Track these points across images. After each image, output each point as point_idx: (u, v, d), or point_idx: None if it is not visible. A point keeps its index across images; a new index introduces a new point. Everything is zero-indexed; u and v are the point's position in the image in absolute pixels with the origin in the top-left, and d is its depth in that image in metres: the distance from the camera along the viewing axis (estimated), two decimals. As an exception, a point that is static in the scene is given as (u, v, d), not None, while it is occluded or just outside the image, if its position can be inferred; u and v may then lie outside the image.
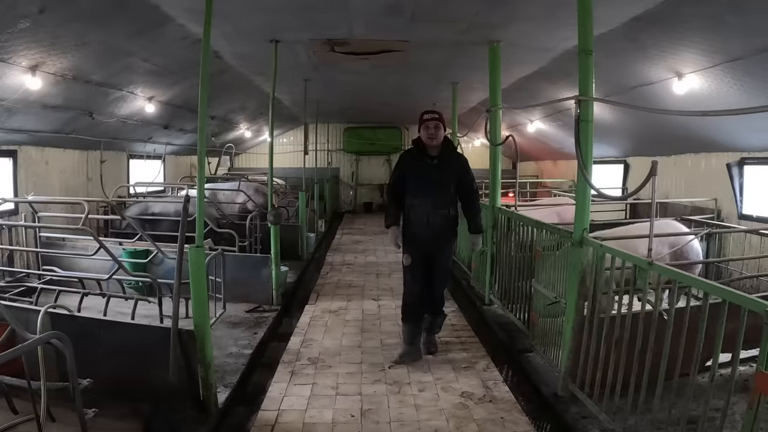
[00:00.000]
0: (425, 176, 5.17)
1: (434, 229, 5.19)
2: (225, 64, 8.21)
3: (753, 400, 2.54)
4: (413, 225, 5.25)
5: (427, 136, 5.14)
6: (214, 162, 14.28)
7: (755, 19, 4.65)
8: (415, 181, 5.20)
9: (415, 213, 5.21)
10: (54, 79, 6.11)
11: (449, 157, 5.27)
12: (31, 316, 3.98)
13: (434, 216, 5.16)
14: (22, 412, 3.47)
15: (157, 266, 6.73)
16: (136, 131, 9.99)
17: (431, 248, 5.29)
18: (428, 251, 5.30)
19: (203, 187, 4.08)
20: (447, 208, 5.22)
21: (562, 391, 4.34)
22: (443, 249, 5.37)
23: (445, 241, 5.35)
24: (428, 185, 5.15)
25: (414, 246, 5.29)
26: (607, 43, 5.98)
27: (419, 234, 5.22)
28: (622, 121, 9.24)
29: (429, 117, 5.17)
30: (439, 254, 5.34)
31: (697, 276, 5.48)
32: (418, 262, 5.31)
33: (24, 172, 7.52)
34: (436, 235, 5.22)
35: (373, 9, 5.65)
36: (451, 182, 5.22)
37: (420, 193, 5.18)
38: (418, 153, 5.26)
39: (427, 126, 5.14)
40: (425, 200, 5.15)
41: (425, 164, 5.19)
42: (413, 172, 5.21)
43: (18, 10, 4.44)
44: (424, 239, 5.22)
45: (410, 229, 5.28)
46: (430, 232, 5.19)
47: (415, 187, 5.20)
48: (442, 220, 5.19)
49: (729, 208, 7.77)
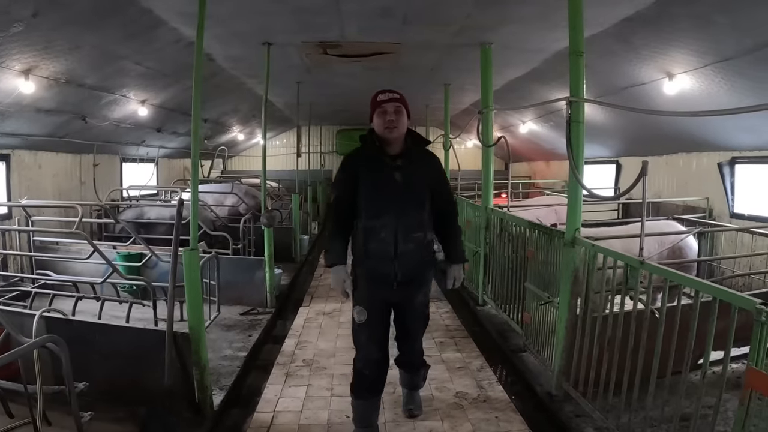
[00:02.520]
0: (388, 185, 3.54)
1: (406, 263, 3.57)
2: (217, 67, 8.21)
3: (744, 396, 2.57)
4: (373, 260, 3.59)
5: (384, 126, 3.52)
6: (207, 165, 14.26)
7: (745, 19, 4.71)
8: (373, 193, 3.55)
9: (376, 242, 3.54)
10: (47, 83, 6.11)
11: (419, 155, 3.70)
12: (25, 321, 3.97)
13: (405, 243, 3.54)
14: (18, 416, 3.47)
15: (151, 269, 6.72)
16: (129, 134, 9.99)
17: (401, 294, 3.68)
18: (395, 298, 3.72)
19: (197, 189, 4.09)
20: (422, 230, 3.62)
21: (556, 390, 4.36)
22: (418, 291, 3.79)
23: (422, 279, 3.78)
24: (393, 198, 3.53)
25: (374, 292, 3.65)
26: (598, 45, 6.04)
27: (383, 273, 3.58)
28: (614, 121, 9.31)
29: (386, 98, 3.56)
30: (412, 300, 3.78)
31: (692, 275, 5.59)
32: (379, 316, 3.69)
33: (17, 176, 7.50)
34: (408, 273, 3.61)
35: (365, 11, 5.67)
36: (424, 192, 3.63)
37: (382, 210, 3.52)
38: (372, 152, 3.61)
39: (384, 110, 3.53)
40: (390, 221, 3.51)
41: (386, 167, 3.57)
42: (369, 179, 3.57)
43: (11, 14, 4.44)
44: (389, 281, 3.59)
45: (369, 267, 3.62)
46: (400, 269, 3.57)
47: (374, 202, 3.54)
48: (416, 249, 3.58)
49: (721, 207, 7.84)
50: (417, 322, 3.96)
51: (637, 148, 9.99)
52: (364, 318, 3.63)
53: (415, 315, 3.88)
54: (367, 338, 3.70)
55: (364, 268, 3.63)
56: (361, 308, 3.64)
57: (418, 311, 3.89)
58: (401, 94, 3.63)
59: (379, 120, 3.55)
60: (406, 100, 3.63)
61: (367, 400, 3.81)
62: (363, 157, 3.65)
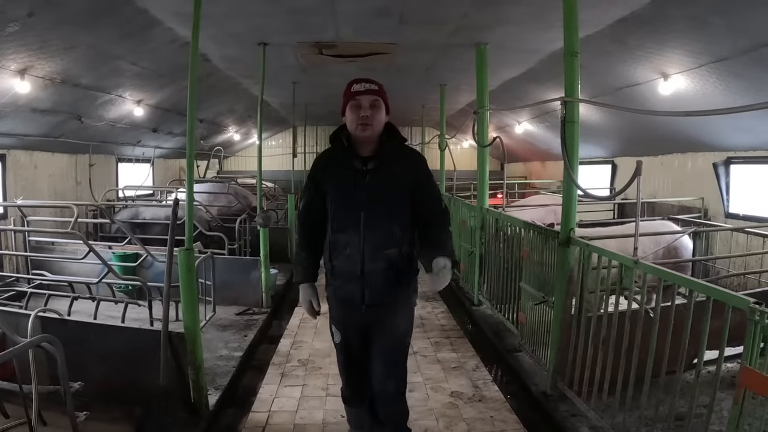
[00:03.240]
0: (354, 193, 3.01)
1: (375, 284, 3.04)
2: (213, 67, 8.21)
3: (738, 395, 2.58)
4: (339, 279, 3.12)
5: (356, 122, 2.96)
6: (203, 165, 14.25)
7: (740, 20, 4.73)
8: (339, 202, 3.06)
9: (341, 259, 3.07)
10: (43, 83, 6.11)
11: (395, 155, 3.08)
12: (21, 321, 3.97)
13: (373, 262, 3.01)
14: (14, 417, 3.46)
15: (146, 270, 6.72)
16: (124, 135, 9.98)
17: (371, 317, 3.12)
18: (366, 321, 3.15)
19: (192, 190, 4.09)
20: (396, 245, 3.04)
21: (551, 389, 4.37)
22: (392, 316, 3.14)
23: (396, 304, 3.14)
24: (360, 208, 3.00)
25: (343, 313, 3.20)
26: (593, 45, 6.06)
27: (349, 293, 3.09)
28: (610, 121, 9.34)
29: (361, 88, 2.99)
30: (384, 325, 3.14)
31: (687, 275, 5.62)
32: (355, 337, 3.22)
33: (12, 175, 7.50)
34: (377, 295, 3.06)
35: (361, 12, 5.67)
36: (400, 200, 3.06)
37: (347, 223, 3.03)
38: (342, 154, 3.09)
39: (358, 103, 2.97)
40: (355, 235, 3.01)
41: (354, 171, 3.03)
42: (334, 186, 3.08)
43: (7, 14, 4.44)
44: (356, 302, 3.08)
45: (336, 287, 3.16)
46: (368, 291, 3.04)
47: (339, 213, 3.06)
48: (387, 268, 3.03)
49: (716, 207, 7.88)
50: (390, 353, 3.19)
51: (632, 149, 10.02)
52: (338, 339, 3.26)
53: (386, 343, 3.17)
54: (345, 361, 3.32)
55: (332, 287, 3.19)
56: (335, 328, 3.26)
57: (392, 340, 3.17)
58: (380, 84, 3.04)
59: (351, 115, 2.99)
60: (385, 92, 3.05)
61: (358, 408, 3.46)
62: (331, 160, 3.16)
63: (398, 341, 3.21)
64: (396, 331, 3.17)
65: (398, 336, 3.20)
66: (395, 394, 3.26)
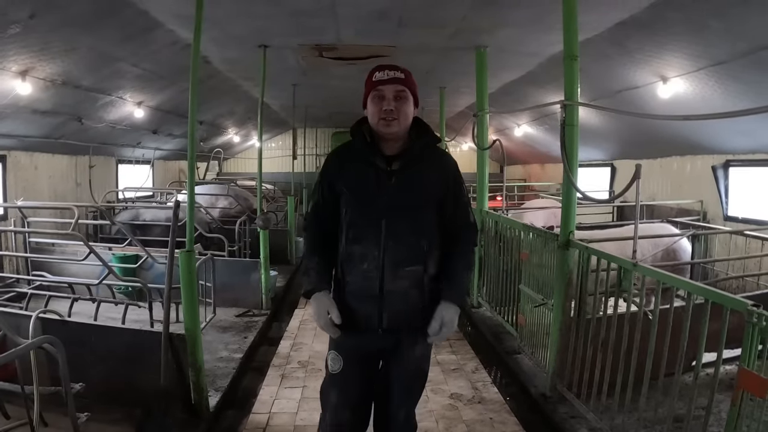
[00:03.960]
0: (377, 198, 2.55)
1: (396, 306, 2.57)
2: (213, 69, 8.23)
3: (736, 396, 2.60)
4: (352, 297, 2.61)
5: (379, 116, 2.50)
6: (203, 167, 14.27)
7: (739, 24, 4.75)
8: (356, 208, 2.60)
9: (356, 275, 2.59)
10: (44, 85, 6.12)
11: (425, 156, 2.62)
12: (21, 322, 3.97)
13: (395, 280, 2.55)
14: (15, 417, 3.47)
15: (146, 271, 6.72)
16: (124, 136, 10.00)
17: (389, 341, 2.66)
18: (381, 346, 2.69)
19: (194, 191, 4.11)
20: (421, 262, 2.58)
21: (550, 391, 4.38)
22: (411, 340, 2.66)
23: (419, 324, 2.59)
24: (382, 216, 2.53)
25: (353, 336, 2.63)
26: (593, 48, 6.07)
27: (364, 315, 2.60)
28: (609, 124, 9.36)
29: (385, 77, 2.51)
30: (404, 351, 2.68)
31: (686, 277, 5.63)
32: (357, 369, 2.70)
33: (13, 177, 7.51)
34: (398, 319, 2.60)
35: (361, 15, 5.69)
36: (429, 208, 2.61)
37: (365, 233, 2.56)
38: (362, 151, 2.60)
39: (381, 94, 2.51)
40: (375, 248, 2.54)
41: (378, 173, 2.56)
42: (352, 189, 2.60)
43: (8, 16, 4.46)
44: (371, 326, 2.60)
45: (346, 304, 2.61)
46: (387, 313, 2.57)
47: (356, 221, 2.59)
48: (411, 287, 2.58)
49: (715, 210, 7.89)
50: (408, 381, 2.76)
51: (631, 151, 10.04)
52: (339, 367, 2.66)
53: (405, 372, 2.73)
54: (339, 396, 2.71)
55: (341, 306, 2.59)
56: (336, 354, 2.67)
57: (412, 367, 2.73)
58: (408, 72, 2.57)
59: (373, 107, 2.52)
60: (413, 81, 2.59)
61: None
62: (350, 157, 2.65)
63: (416, 367, 2.75)
64: (414, 357, 2.71)
65: (416, 361, 2.73)
66: (404, 423, 2.83)
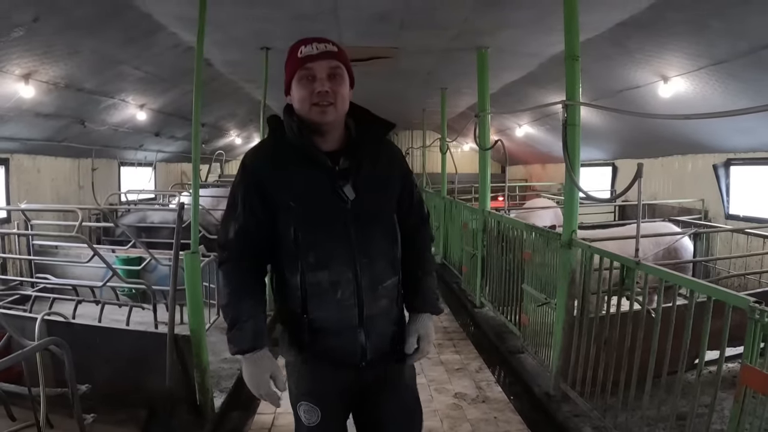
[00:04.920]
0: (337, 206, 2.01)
1: (379, 332, 2.13)
2: (215, 72, 8.25)
3: (739, 393, 2.61)
4: (324, 334, 2.08)
5: (310, 102, 1.95)
6: (205, 169, 14.30)
7: (738, 23, 4.78)
8: (316, 221, 2.01)
9: (327, 306, 2.04)
10: (47, 88, 6.15)
11: (373, 147, 2.10)
12: (26, 324, 3.99)
13: (375, 302, 2.08)
14: (20, 420, 3.49)
15: (150, 273, 6.73)
16: (127, 139, 10.03)
17: (369, 375, 2.16)
18: (362, 381, 2.17)
19: (198, 193, 4.14)
20: (397, 271, 2.16)
21: (554, 390, 4.40)
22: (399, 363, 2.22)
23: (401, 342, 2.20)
24: (347, 230, 2.01)
25: (329, 378, 2.14)
26: (594, 48, 6.10)
27: (341, 352, 2.10)
28: (610, 124, 9.37)
29: (313, 51, 1.95)
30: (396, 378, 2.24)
31: (688, 275, 5.65)
32: (337, 413, 2.21)
33: (16, 180, 7.54)
34: (382, 344, 2.15)
35: (363, 17, 5.71)
36: (392, 209, 2.16)
37: (332, 255, 2.01)
38: (298, 149, 2.01)
39: (311, 73, 1.95)
40: (348, 269, 2.02)
41: (329, 175, 2.01)
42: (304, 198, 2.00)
43: (12, 19, 4.49)
44: (352, 362, 2.11)
45: (316, 346, 2.09)
46: (370, 343, 2.10)
47: (319, 237, 2.01)
48: (390, 305, 2.15)
49: (716, 209, 7.91)
50: (410, 412, 2.31)
51: (632, 151, 10.05)
52: (316, 419, 2.13)
53: (403, 402, 2.27)
54: None
55: (306, 347, 2.11)
56: (310, 405, 2.13)
57: (408, 395, 2.30)
58: (339, 45, 2.02)
59: (302, 91, 1.96)
60: (347, 57, 2.05)
61: None
62: (283, 159, 2.03)
63: (412, 394, 2.34)
64: (405, 383, 2.28)
65: (410, 387, 2.32)
66: None
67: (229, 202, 2.09)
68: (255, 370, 2.02)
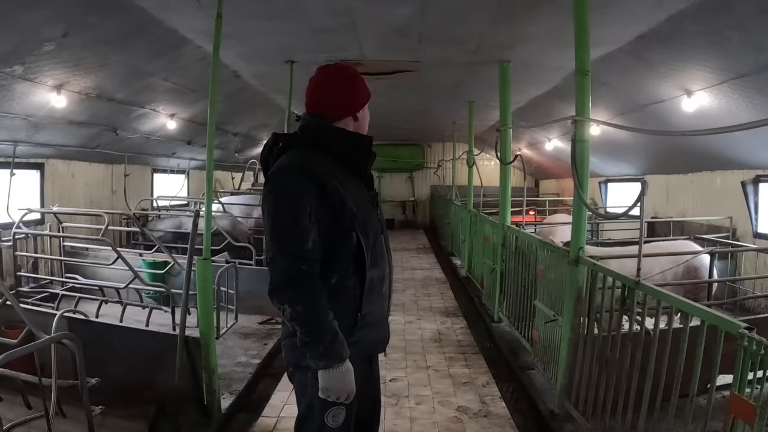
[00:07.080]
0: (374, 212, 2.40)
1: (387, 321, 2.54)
2: (244, 83, 8.45)
3: (727, 423, 2.54)
4: (369, 327, 2.32)
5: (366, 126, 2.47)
6: (238, 177, 14.58)
7: (757, 36, 4.71)
8: (369, 227, 2.31)
9: (376, 299, 2.35)
10: (78, 97, 6.43)
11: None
12: (50, 320, 4.17)
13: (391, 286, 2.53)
14: (36, 409, 3.70)
15: (174, 277, 6.91)
16: (159, 146, 10.33)
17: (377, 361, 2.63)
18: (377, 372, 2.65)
19: (211, 202, 4.29)
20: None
21: (559, 408, 4.35)
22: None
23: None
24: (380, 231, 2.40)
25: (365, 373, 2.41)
26: (615, 62, 6.09)
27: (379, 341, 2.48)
28: (638, 138, 9.22)
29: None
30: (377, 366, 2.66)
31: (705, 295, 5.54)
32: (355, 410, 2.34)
33: (50, 184, 7.88)
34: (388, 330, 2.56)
35: (381, 31, 5.81)
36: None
37: (381, 253, 2.38)
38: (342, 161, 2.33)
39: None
40: (387, 265, 2.43)
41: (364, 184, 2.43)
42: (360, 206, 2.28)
43: (43, 35, 4.74)
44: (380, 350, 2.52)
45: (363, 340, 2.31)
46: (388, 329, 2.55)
47: (371, 240, 2.31)
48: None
49: (744, 227, 7.71)
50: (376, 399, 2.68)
51: (662, 166, 9.86)
52: (341, 420, 2.26)
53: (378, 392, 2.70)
54: None
55: (356, 344, 2.24)
56: (340, 408, 2.24)
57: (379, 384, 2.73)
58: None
59: (367, 116, 2.45)
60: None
61: None
62: (335, 171, 2.25)
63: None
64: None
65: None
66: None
67: (291, 210, 2.12)
68: (350, 376, 2.16)
